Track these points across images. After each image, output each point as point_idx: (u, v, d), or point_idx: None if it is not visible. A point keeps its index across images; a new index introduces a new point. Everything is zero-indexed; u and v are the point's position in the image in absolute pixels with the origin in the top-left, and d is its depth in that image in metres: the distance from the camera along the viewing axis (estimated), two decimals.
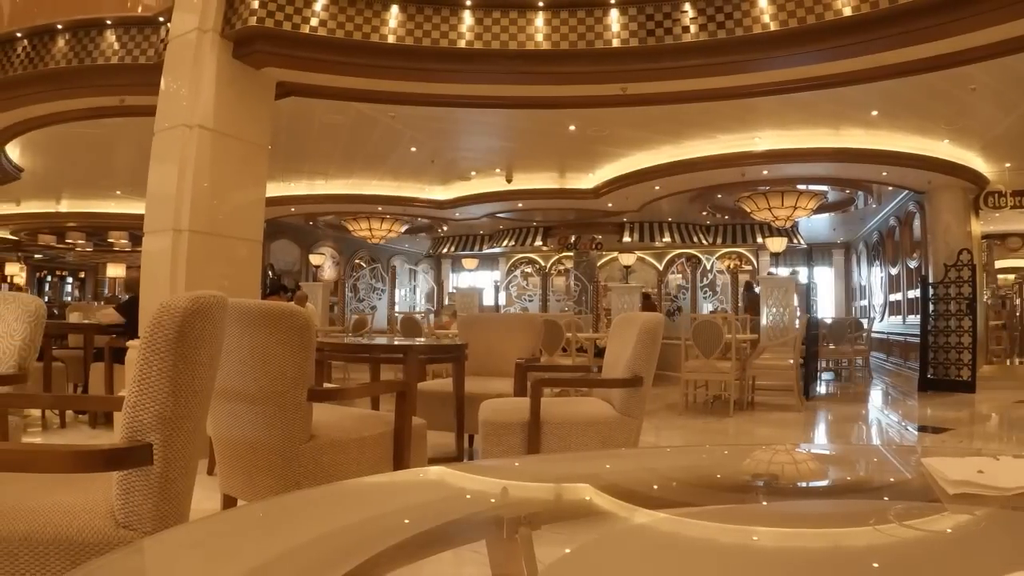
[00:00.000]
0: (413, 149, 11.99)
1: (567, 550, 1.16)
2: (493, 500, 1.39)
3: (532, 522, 1.21)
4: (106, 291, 25.90)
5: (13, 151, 11.81)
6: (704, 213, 17.28)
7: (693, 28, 6.35)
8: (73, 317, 9.68)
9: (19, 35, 7.96)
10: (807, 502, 1.49)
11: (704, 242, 19.81)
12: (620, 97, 7.47)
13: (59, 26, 7.63)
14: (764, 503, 1.44)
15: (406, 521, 1.22)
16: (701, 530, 1.18)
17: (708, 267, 17.54)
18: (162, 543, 1.17)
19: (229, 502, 3.47)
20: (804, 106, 9.04)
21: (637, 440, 4.25)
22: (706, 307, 15.38)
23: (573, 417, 4.15)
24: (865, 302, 19.83)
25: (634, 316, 4.40)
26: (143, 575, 1.03)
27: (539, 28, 6.61)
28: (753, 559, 1.03)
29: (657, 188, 13.62)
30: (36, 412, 7.23)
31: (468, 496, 1.40)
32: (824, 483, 1.67)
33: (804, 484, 1.65)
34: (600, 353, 10.35)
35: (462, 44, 6.63)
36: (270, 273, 19.29)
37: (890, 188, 13.66)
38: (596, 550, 1.11)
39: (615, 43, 6.54)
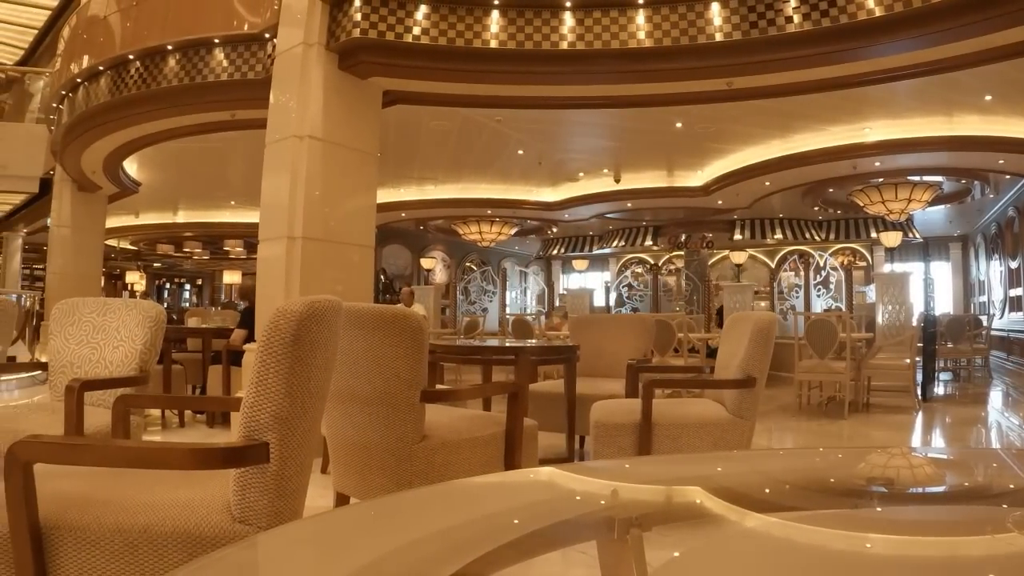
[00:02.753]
0: (520, 152, 12.05)
1: (676, 553, 1.16)
2: (603, 501, 1.39)
3: (642, 524, 1.21)
4: (223, 296, 26.87)
5: (131, 166, 12.40)
6: (816, 208, 16.78)
7: (796, 18, 6.20)
8: (191, 322, 10.04)
9: (132, 57, 8.34)
10: (922, 508, 1.44)
11: (817, 238, 19.22)
12: (726, 92, 7.34)
13: (169, 47, 7.95)
14: (878, 509, 1.40)
15: (516, 521, 1.23)
16: (813, 536, 1.15)
17: (821, 264, 17.07)
18: (277, 538, 1.21)
19: (342, 500, 3.56)
20: (915, 93, 8.71)
21: (749, 442, 4.18)
22: (819, 305, 14.98)
23: (685, 418, 4.10)
24: (984, 298, 18.86)
25: (747, 316, 4.32)
26: (258, 569, 1.07)
27: (640, 26, 6.56)
28: (866, 566, 1.01)
29: (767, 184, 13.34)
30: (156, 412, 7.49)
31: (578, 497, 1.41)
32: (940, 489, 1.61)
33: (920, 490, 1.60)
34: (712, 353, 10.21)
35: (564, 46, 6.62)
36: (382, 277, 19.69)
37: (1007, 176, 12.97)
38: (706, 553, 1.11)
39: (718, 37, 6.43)
